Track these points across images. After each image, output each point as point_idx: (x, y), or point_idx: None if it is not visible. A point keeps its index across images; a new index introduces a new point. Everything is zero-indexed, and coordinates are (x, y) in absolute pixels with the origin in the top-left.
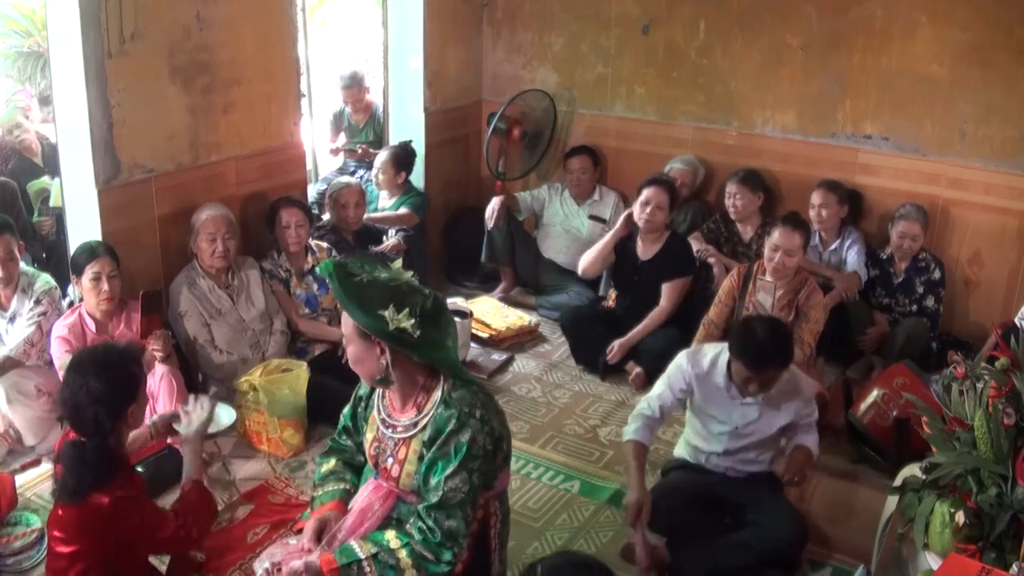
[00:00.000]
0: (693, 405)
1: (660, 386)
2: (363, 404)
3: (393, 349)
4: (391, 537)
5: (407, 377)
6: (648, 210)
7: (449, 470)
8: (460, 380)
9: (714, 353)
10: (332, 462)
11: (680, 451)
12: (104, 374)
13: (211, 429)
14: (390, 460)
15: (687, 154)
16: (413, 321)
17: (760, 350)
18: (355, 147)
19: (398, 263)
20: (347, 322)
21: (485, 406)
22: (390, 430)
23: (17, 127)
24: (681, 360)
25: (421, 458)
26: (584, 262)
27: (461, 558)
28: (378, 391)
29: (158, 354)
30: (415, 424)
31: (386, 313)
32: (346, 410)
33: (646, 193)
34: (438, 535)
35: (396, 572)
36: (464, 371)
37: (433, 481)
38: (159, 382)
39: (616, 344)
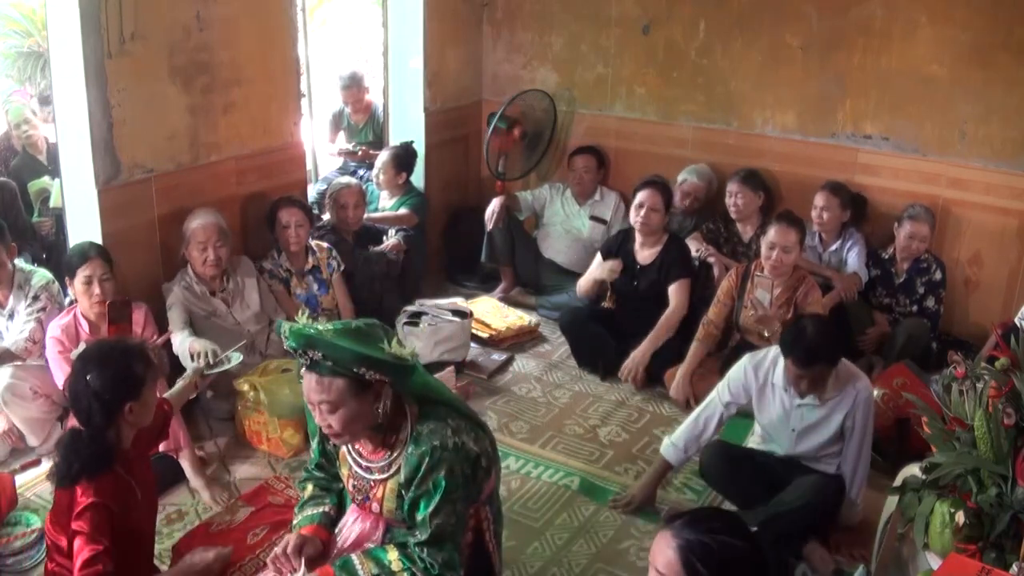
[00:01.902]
0: (756, 412)
1: (717, 396)
2: (330, 442)
3: (391, 385)
4: (393, 558)
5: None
6: (643, 213)
7: (432, 507)
8: (425, 411)
9: (774, 355)
10: (309, 488)
11: (748, 443)
12: (104, 368)
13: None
14: (368, 500)
15: (702, 165)
16: (402, 349)
17: (808, 346)
18: (356, 149)
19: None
20: (331, 387)
21: (457, 431)
22: (365, 471)
23: (25, 122)
24: (741, 369)
25: (400, 496)
26: (580, 289)
27: None
28: None
29: None
30: (388, 466)
31: (383, 346)
32: (315, 445)
33: (640, 196)
34: (437, 568)
35: None
36: (442, 391)
37: (419, 517)
38: None
39: (634, 363)
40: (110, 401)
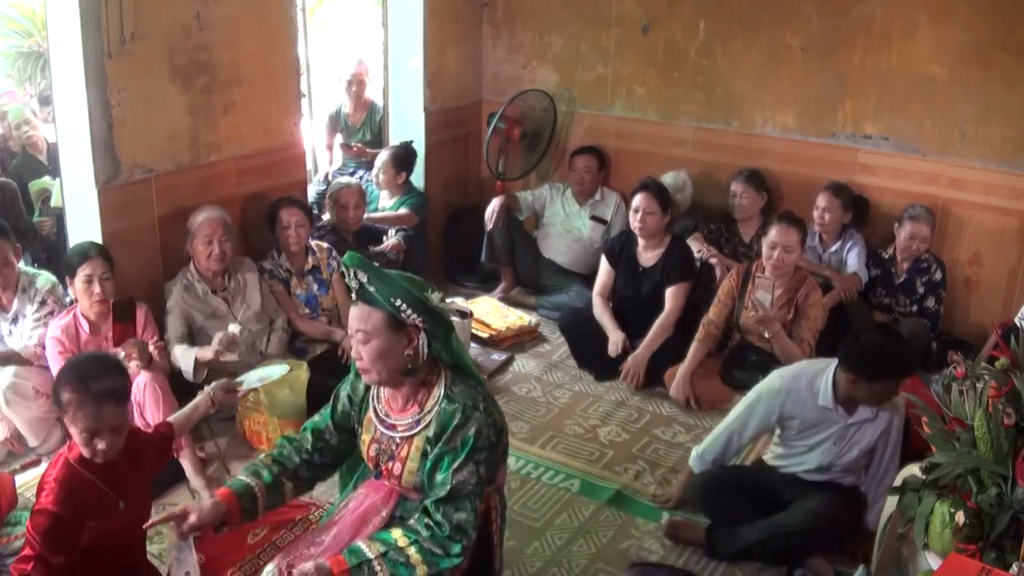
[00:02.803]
0: (785, 431)
1: (743, 415)
2: (356, 406)
3: (426, 335)
4: (398, 535)
5: (421, 370)
6: (639, 217)
7: (456, 463)
8: (458, 375)
9: (809, 375)
10: (263, 455)
11: (767, 459)
12: (58, 380)
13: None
14: (392, 460)
15: (679, 174)
16: (445, 304)
17: (877, 360)
18: (351, 144)
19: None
20: (370, 317)
21: (486, 400)
22: (390, 431)
23: (25, 123)
24: (772, 392)
25: (424, 455)
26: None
27: (470, 550)
28: (373, 392)
29: (135, 363)
30: (418, 422)
31: (427, 294)
32: (325, 411)
33: (635, 200)
34: (447, 529)
35: (408, 568)
36: (471, 366)
37: (439, 476)
38: (143, 391)
39: (633, 367)
40: (55, 402)
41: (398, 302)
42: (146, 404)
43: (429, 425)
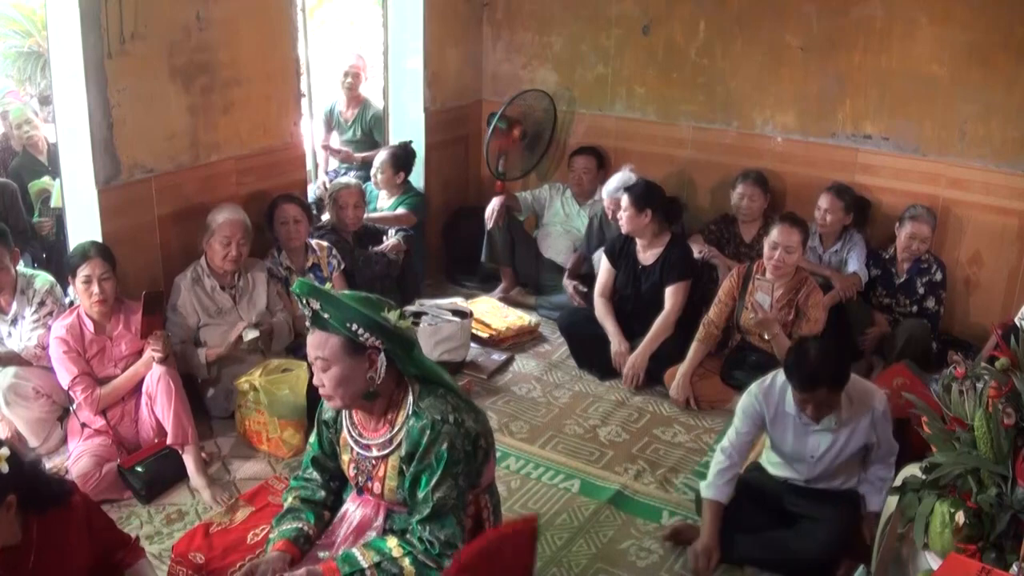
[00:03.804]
0: (771, 438)
1: (734, 428)
2: (331, 428)
3: (386, 355)
4: (393, 545)
5: (385, 390)
6: (619, 216)
7: (434, 481)
8: (426, 388)
9: (782, 382)
10: (289, 500)
11: (761, 461)
12: None
13: None
14: (370, 480)
15: (622, 171)
16: (405, 322)
17: (810, 371)
18: (339, 148)
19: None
20: (327, 343)
21: (456, 409)
22: (366, 451)
23: (27, 122)
24: (751, 397)
25: (401, 473)
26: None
27: None
28: (344, 413)
29: (157, 355)
30: (390, 441)
31: (384, 314)
32: (312, 440)
33: (620, 201)
34: (437, 547)
35: None
36: (440, 374)
37: (420, 495)
38: (156, 383)
39: (633, 367)
40: None
41: (354, 326)
42: (157, 397)
43: (401, 445)
